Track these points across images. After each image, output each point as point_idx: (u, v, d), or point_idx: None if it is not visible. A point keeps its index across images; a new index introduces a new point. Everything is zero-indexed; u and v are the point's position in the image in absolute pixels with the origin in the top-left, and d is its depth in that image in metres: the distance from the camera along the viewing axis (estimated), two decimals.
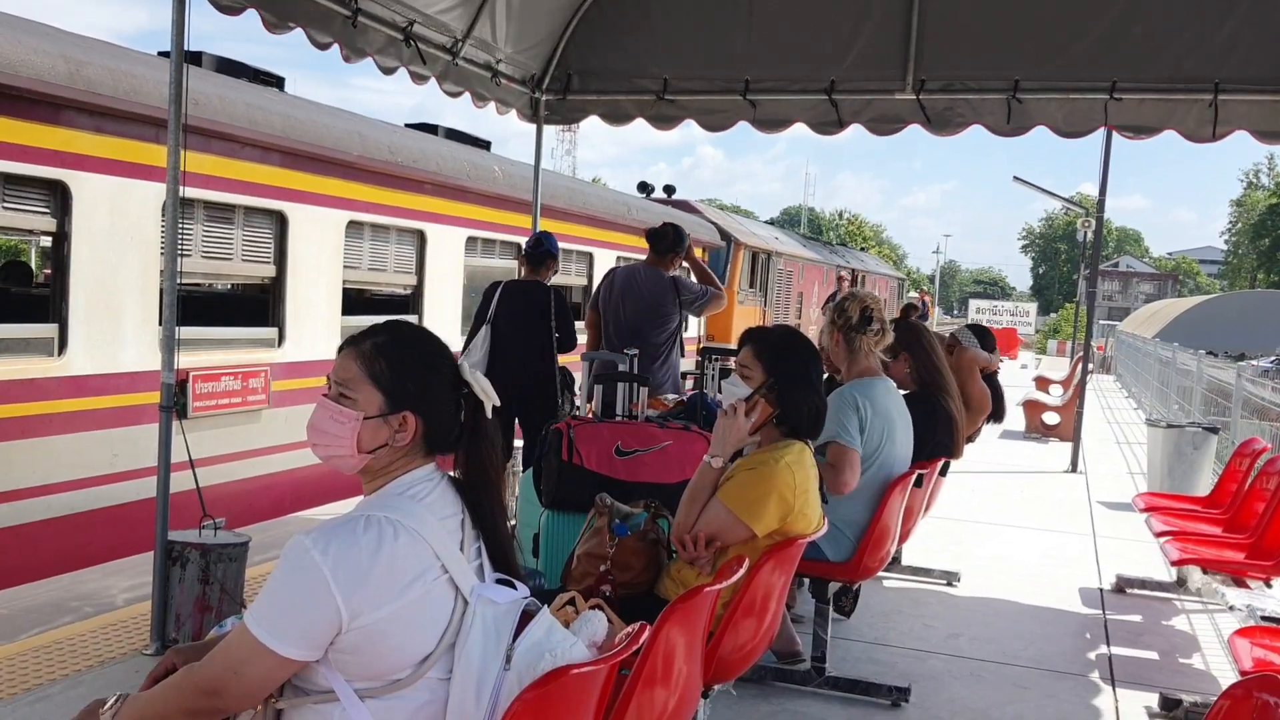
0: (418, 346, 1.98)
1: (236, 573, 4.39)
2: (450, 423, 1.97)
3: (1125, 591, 6.21)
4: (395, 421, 1.92)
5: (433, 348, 2.00)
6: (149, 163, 6.15)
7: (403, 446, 1.93)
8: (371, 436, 1.92)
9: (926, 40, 6.42)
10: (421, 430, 1.93)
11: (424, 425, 1.93)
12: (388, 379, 1.93)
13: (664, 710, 2.38)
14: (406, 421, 1.92)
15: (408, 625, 1.79)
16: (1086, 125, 6.35)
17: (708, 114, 6.95)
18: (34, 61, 5.42)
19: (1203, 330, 31.22)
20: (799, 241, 26.86)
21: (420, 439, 1.94)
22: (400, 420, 1.92)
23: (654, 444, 4.31)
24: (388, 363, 1.93)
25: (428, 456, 1.97)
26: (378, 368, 1.93)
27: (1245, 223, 70.15)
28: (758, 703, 4.15)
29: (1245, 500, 5.68)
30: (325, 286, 7.84)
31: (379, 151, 8.24)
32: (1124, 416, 17.65)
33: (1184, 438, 8.51)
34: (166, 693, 1.84)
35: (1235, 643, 3.69)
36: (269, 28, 4.80)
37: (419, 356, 1.97)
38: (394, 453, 1.93)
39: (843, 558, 4.20)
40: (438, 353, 2.00)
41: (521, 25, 6.64)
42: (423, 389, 1.94)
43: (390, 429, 1.92)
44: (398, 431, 1.92)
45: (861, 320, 4.39)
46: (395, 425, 1.92)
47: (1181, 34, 6.00)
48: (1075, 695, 4.48)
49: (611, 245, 12.77)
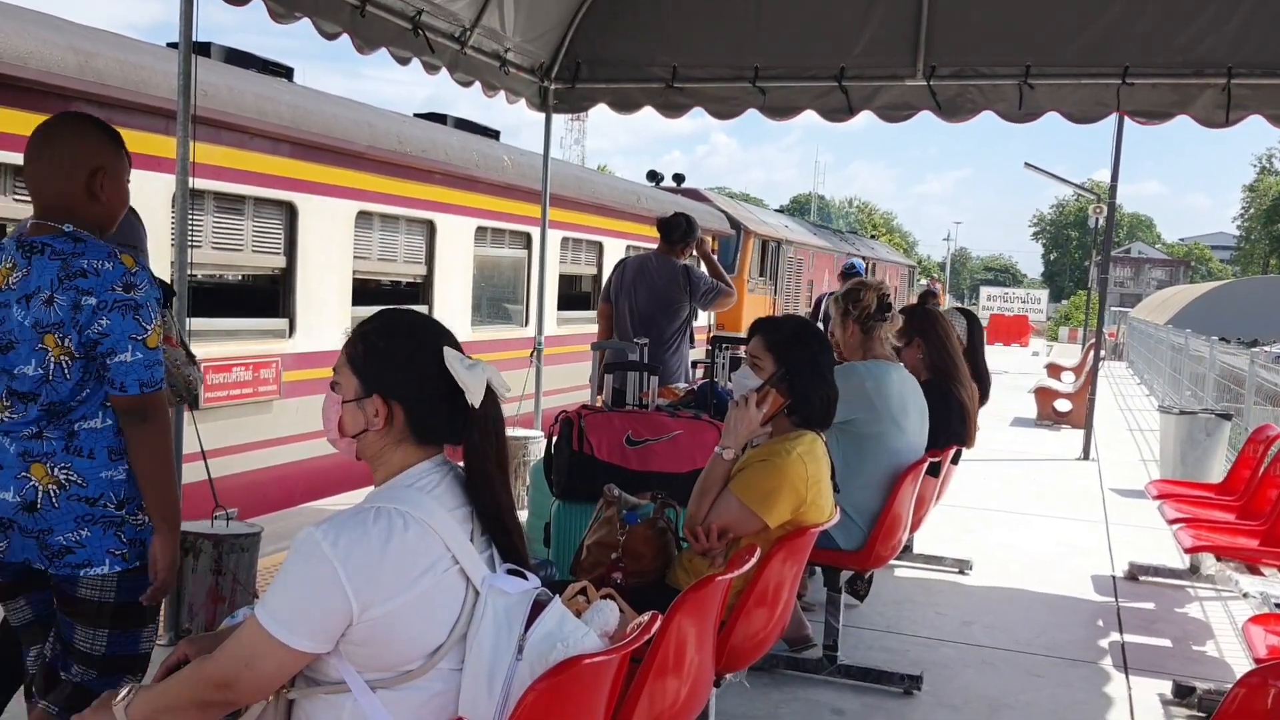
0: (401, 333, 1.96)
1: (249, 563, 4.40)
2: (437, 411, 1.93)
3: (1138, 579, 6.19)
4: (369, 406, 1.91)
5: (419, 334, 1.96)
6: (158, 154, 6.15)
7: (381, 432, 1.92)
8: (351, 421, 1.94)
9: (937, 26, 6.38)
10: (403, 417, 1.92)
11: (405, 412, 1.92)
12: (362, 363, 1.94)
13: (676, 699, 2.38)
14: (380, 406, 1.91)
15: (418, 616, 1.78)
16: (1098, 111, 6.31)
17: (717, 102, 6.92)
18: (42, 53, 5.42)
19: (1215, 316, 31.04)
20: (809, 229, 26.80)
21: (405, 426, 1.92)
22: (374, 405, 1.91)
23: (665, 433, 4.30)
24: (366, 348, 1.94)
25: (420, 445, 1.93)
26: (356, 352, 1.95)
27: (1258, 208, 69.68)
28: (769, 691, 4.15)
29: (1259, 487, 5.65)
30: (335, 277, 7.85)
31: (388, 141, 8.23)
32: (1136, 403, 17.59)
33: (1197, 424, 8.48)
34: (178, 685, 1.84)
35: (1249, 630, 3.67)
36: (275, 18, 4.78)
37: (400, 343, 1.94)
38: (379, 439, 1.92)
39: (854, 546, 4.19)
40: (422, 340, 1.95)
41: (530, 14, 6.62)
42: (398, 375, 1.92)
43: (365, 414, 1.92)
44: (374, 416, 1.91)
45: (880, 308, 4.38)
46: (370, 410, 1.91)
47: (1194, 18, 5.95)
48: (1088, 683, 4.48)
49: (621, 234, 12.75)
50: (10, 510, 2.50)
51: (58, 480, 2.49)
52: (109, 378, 2.48)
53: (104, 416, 2.54)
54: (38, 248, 2.50)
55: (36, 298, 2.46)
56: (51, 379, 2.48)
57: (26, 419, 2.51)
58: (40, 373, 2.48)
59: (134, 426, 2.51)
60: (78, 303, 2.44)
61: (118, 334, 2.46)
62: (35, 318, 2.46)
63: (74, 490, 2.49)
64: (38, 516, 2.49)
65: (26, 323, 2.47)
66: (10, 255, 2.53)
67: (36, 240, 2.52)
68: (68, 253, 2.48)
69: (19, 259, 2.51)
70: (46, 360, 2.47)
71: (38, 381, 2.48)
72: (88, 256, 2.47)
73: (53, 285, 2.45)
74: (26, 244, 2.52)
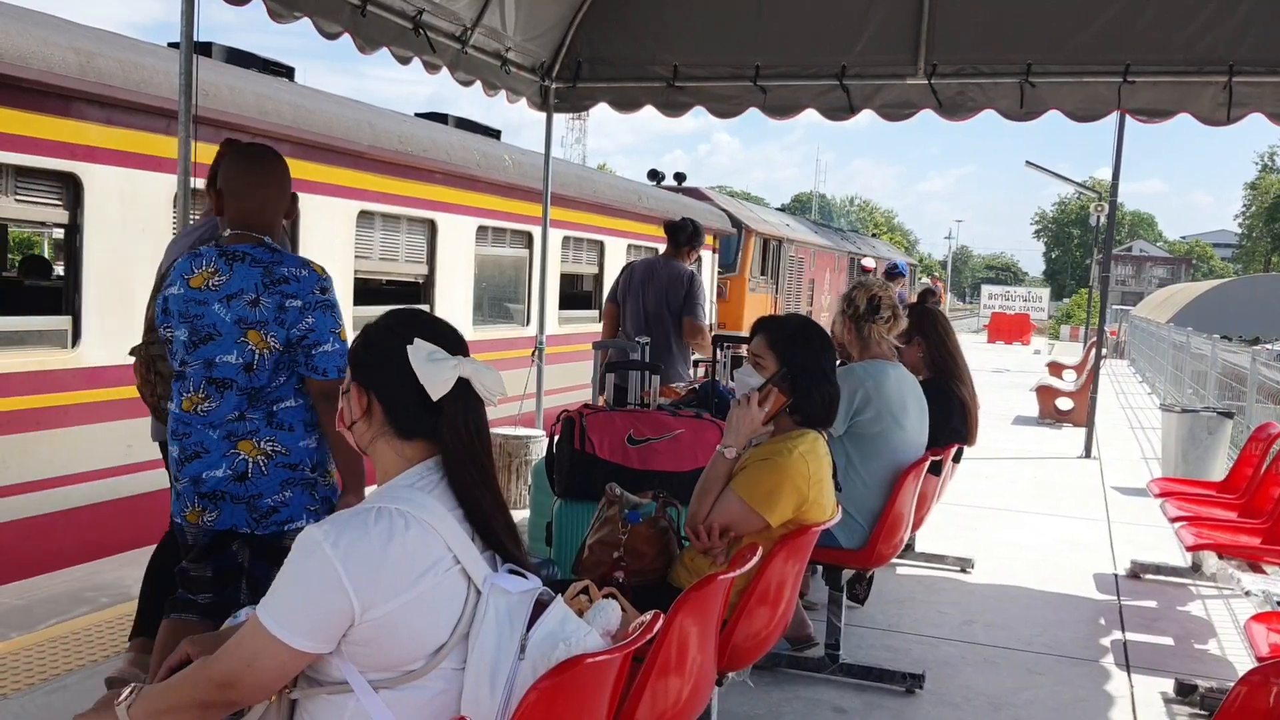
0: (393, 327, 1.98)
1: None
2: (408, 404, 1.93)
3: (1140, 577, 6.19)
4: (353, 397, 1.98)
5: (405, 329, 1.95)
6: (160, 154, 6.15)
7: (364, 422, 1.97)
8: (347, 410, 2.00)
9: (938, 24, 6.38)
10: (379, 409, 1.95)
11: (380, 404, 1.95)
12: (353, 355, 2.01)
13: (678, 698, 2.38)
14: (358, 394, 1.97)
15: (420, 616, 1.78)
16: (1099, 109, 6.30)
17: (718, 101, 6.92)
18: (44, 53, 5.43)
19: (1217, 314, 31.06)
20: (810, 228, 26.78)
21: (384, 419, 1.95)
22: (357, 394, 1.97)
23: (666, 432, 4.30)
24: (360, 341, 2.01)
25: (405, 440, 1.94)
26: (355, 345, 2.02)
27: (1260, 206, 69.62)
28: (771, 690, 4.15)
29: (1261, 485, 5.65)
30: (337, 277, 7.79)
31: (389, 141, 8.23)
32: (1138, 401, 17.58)
33: (1198, 422, 8.47)
34: (180, 685, 1.84)
35: (1251, 628, 3.67)
36: (275, 17, 4.78)
37: (385, 336, 1.97)
38: (367, 430, 1.97)
39: (856, 545, 4.19)
40: (402, 333, 1.94)
41: (530, 13, 6.62)
42: (373, 365, 1.96)
43: (349, 402, 1.99)
44: (355, 407, 1.97)
45: (869, 309, 4.39)
46: (353, 401, 1.98)
47: (1196, 16, 5.94)
48: (1090, 681, 4.47)
49: (622, 233, 12.74)
50: (222, 483, 2.98)
51: (265, 451, 2.98)
52: (313, 365, 2.99)
53: (295, 397, 3.05)
54: (239, 256, 2.97)
55: (240, 298, 2.94)
56: (255, 368, 2.97)
57: (225, 407, 2.97)
58: (241, 362, 2.96)
59: (328, 404, 2.84)
60: (282, 305, 2.94)
61: (321, 329, 2.99)
62: (238, 315, 2.94)
63: (279, 459, 3.00)
64: (248, 484, 2.99)
65: (229, 319, 2.95)
66: (212, 261, 2.99)
67: (237, 249, 2.99)
68: (267, 261, 2.97)
69: (220, 264, 2.97)
70: (249, 351, 2.95)
71: (238, 370, 2.97)
72: (285, 265, 2.98)
73: (257, 289, 2.94)
74: (228, 252, 2.98)
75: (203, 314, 2.96)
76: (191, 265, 3.01)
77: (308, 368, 2.99)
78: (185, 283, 3.00)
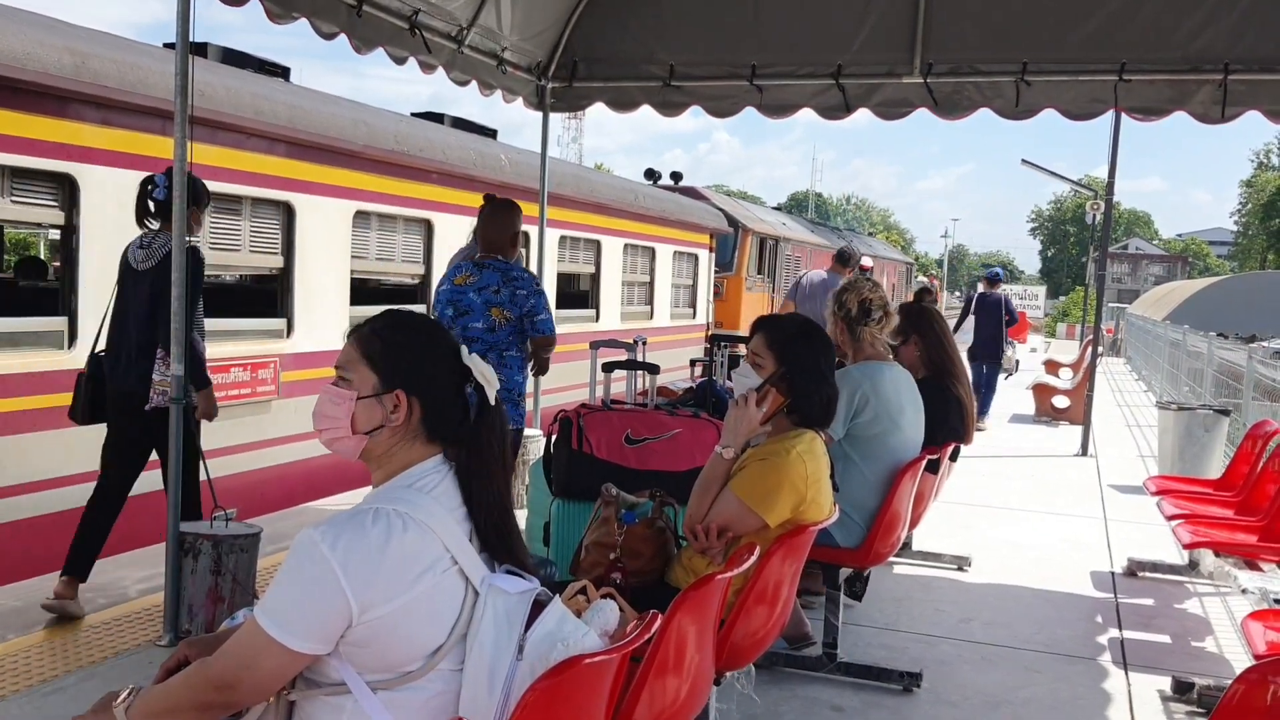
0: (415, 328, 1.98)
1: (248, 564, 4.40)
2: (450, 407, 1.94)
3: (1137, 575, 6.20)
4: (389, 401, 1.91)
5: (432, 331, 2.00)
6: (156, 155, 6.14)
7: (399, 428, 1.91)
8: (367, 417, 1.92)
9: (934, 23, 6.39)
10: (419, 413, 1.92)
11: (421, 407, 1.92)
12: (380, 357, 1.93)
13: (676, 698, 2.38)
14: (400, 400, 1.91)
15: (418, 617, 1.78)
16: (1095, 107, 6.32)
17: (714, 100, 6.92)
18: (39, 54, 5.42)
19: (1213, 312, 31.05)
20: (806, 227, 26.79)
21: (419, 423, 1.93)
22: (395, 400, 1.91)
23: (664, 432, 4.30)
24: (382, 342, 1.95)
25: (430, 443, 1.94)
26: (373, 347, 1.94)
27: (1255, 204, 69.66)
28: (769, 689, 4.15)
29: (1257, 483, 5.66)
30: (333, 277, 7.84)
31: (385, 141, 8.23)
32: (1134, 399, 17.60)
33: (1195, 420, 8.48)
34: (179, 686, 1.84)
35: (1248, 626, 3.67)
36: (273, 18, 4.78)
37: (415, 337, 1.96)
38: (393, 435, 1.92)
39: (853, 544, 4.20)
40: (437, 336, 1.99)
41: (526, 13, 6.61)
42: (418, 369, 1.93)
43: (384, 409, 1.91)
44: (392, 411, 1.91)
45: (860, 312, 4.41)
46: (389, 405, 1.91)
47: (1191, 14, 5.95)
48: (1087, 679, 4.48)
49: (619, 233, 12.73)
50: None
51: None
52: (536, 326, 4.88)
53: (517, 349, 4.92)
54: (486, 265, 4.93)
55: (487, 289, 4.86)
56: (496, 331, 4.84)
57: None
58: (485, 326, 4.84)
59: (544, 350, 5.00)
60: (514, 294, 4.86)
61: (539, 306, 4.89)
62: (486, 300, 4.85)
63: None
64: None
65: (479, 301, 4.86)
66: (469, 269, 4.95)
67: (486, 261, 4.95)
68: (503, 268, 4.92)
69: (473, 270, 4.92)
70: (490, 320, 4.84)
71: (483, 331, 4.83)
72: (514, 271, 4.94)
73: (499, 284, 4.87)
74: (480, 263, 4.94)
75: (464, 298, 4.88)
76: (454, 272, 5.00)
77: (533, 329, 4.88)
78: (451, 280, 4.96)
